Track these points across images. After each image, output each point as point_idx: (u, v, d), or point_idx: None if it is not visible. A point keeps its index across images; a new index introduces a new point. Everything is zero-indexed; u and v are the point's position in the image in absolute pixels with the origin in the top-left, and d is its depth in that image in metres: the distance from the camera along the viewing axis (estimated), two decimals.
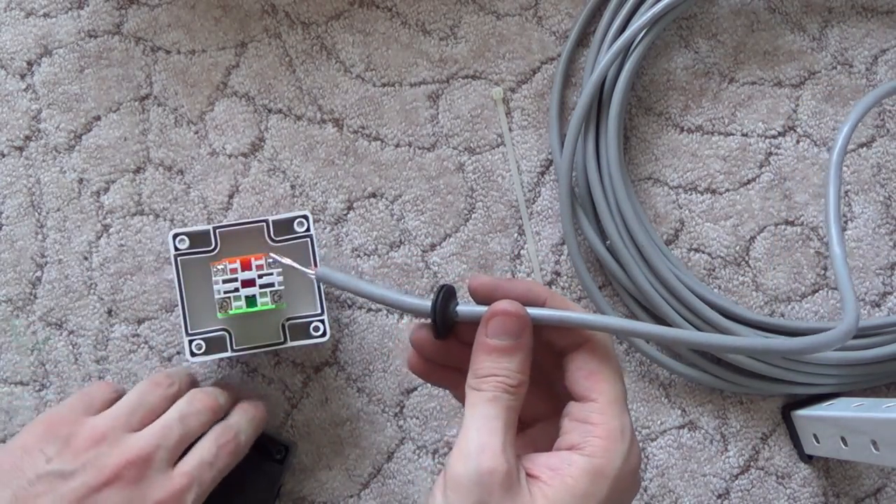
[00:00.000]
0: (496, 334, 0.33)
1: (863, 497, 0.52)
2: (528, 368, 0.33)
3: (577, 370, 0.33)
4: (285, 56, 0.54)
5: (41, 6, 0.54)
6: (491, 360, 0.32)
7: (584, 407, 0.33)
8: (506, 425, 0.31)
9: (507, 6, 0.54)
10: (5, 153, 0.53)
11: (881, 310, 0.53)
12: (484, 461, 0.30)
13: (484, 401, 0.32)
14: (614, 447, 0.31)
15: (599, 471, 0.31)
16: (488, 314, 0.33)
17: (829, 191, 0.41)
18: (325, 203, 0.53)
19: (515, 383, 0.32)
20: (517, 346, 0.32)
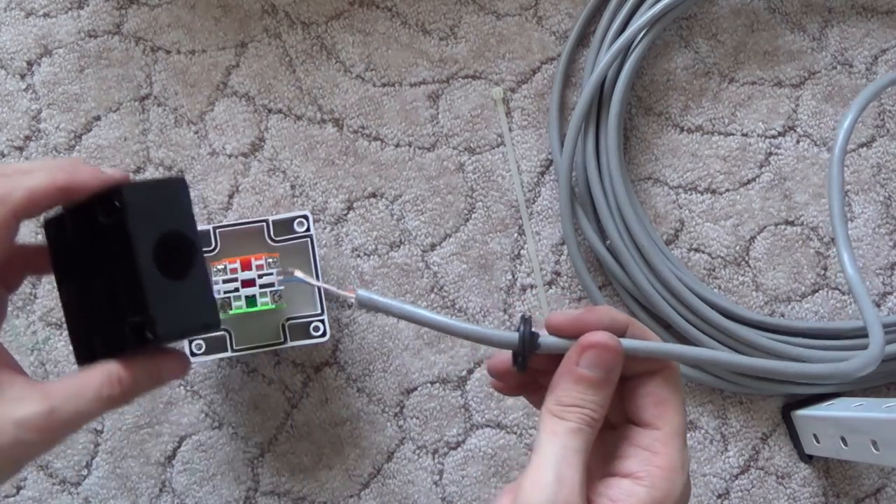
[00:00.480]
0: (590, 366, 0.32)
1: (863, 497, 0.52)
2: (609, 404, 0.32)
3: (646, 396, 0.33)
4: (285, 56, 0.54)
5: (41, 6, 0.54)
6: (578, 391, 0.32)
7: (647, 434, 0.32)
8: (584, 460, 0.31)
9: (507, 6, 0.54)
10: (5, 153, 0.53)
11: (881, 310, 0.53)
12: (562, 497, 0.29)
13: (566, 431, 0.31)
14: (675, 479, 0.31)
15: (659, 503, 0.31)
16: (585, 343, 0.32)
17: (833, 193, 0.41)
18: (325, 203, 0.53)
19: (598, 417, 0.32)
20: (607, 381, 0.32)
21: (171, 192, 0.37)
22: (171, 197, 0.37)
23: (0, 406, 0.33)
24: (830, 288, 0.53)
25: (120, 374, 0.35)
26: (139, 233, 0.35)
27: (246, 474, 0.51)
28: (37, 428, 0.33)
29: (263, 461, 0.51)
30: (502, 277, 0.52)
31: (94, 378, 0.35)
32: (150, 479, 0.51)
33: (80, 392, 0.34)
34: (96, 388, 0.35)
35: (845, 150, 0.42)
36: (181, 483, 0.51)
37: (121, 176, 0.36)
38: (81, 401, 0.34)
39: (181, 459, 0.51)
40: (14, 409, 0.33)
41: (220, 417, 0.51)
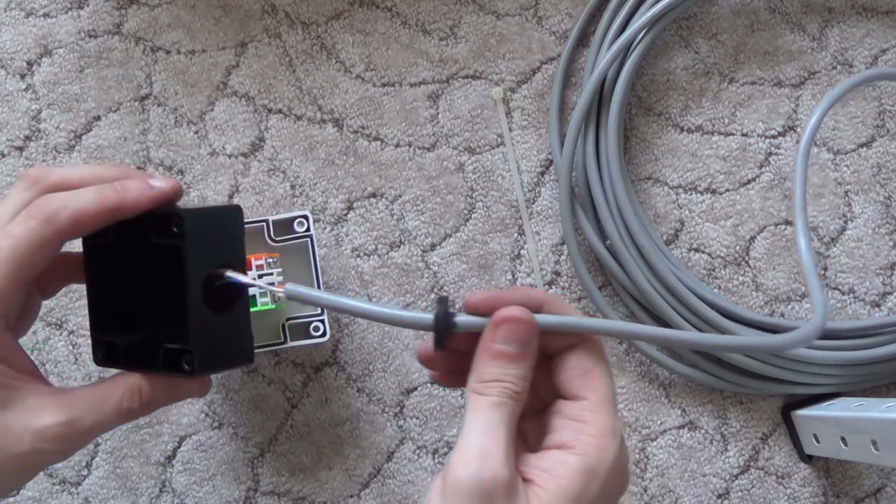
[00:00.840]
0: (505, 340, 0.32)
1: (863, 497, 0.52)
2: (530, 375, 0.33)
3: (571, 369, 0.33)
4: (285, 56, 0.54)
5: (41, 6, 0.54)
6: (497, 366, 0.32)
7: (575, 405, 0.33)
8: (509, 432, 0.31)
9: (507, 6, 0.54)
10: (5, 153, 0.53)
11: (881, 310, 0.53)
12: (487, 468, 0.30)
13: (488, 405, 0.31)
14: (606, 445, 0.31)
15: (592, 470, 0.31)
16: (497, 319, 0.32)
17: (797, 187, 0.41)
18: (325, 203, 0.53)
19: (520, 390, 0.32)
20: (524, 354, 0.32)
21: (227, 221, 0.37)
22: (227, 226, 0.37)
23: (20, 415, 0.33)
24: (830, 288, 0.53)
25: (142, 388, 0.35)
26: (194, 264, 0.35)
27: (246, 474, 0.51)
28: (56, 438, 0.34)
29: (263, 461, 0.51)
30: (502, 277, 0.52)
31: (115, 390, 0.35)
32: (150, 479, 0.51)
33: (101, 404, 0.35)
34: (117, 400, 0.35)
35: (811, 145, 0.42)
36: (181, 483, 0.51)
37: (170, 188, 0.36)
38: (101, 413, 0.35)
39: (181, 459, 0.51)
40: (34, 419, 0.33)
41: (220, 417, 0.51)
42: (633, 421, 0.52)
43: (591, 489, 0.31)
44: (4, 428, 0.33)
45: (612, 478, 0.31)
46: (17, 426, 0.33)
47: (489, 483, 0.29)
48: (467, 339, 0.34)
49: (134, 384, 0.35)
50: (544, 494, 0.30)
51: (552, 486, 0.30)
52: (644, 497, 0.51)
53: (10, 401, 0.33)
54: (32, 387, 0.34)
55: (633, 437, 0.52)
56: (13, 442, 0.33)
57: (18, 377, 0.34)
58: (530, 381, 0.33)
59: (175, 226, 0.34)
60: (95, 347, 0.38)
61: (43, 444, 0.33)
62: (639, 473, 0.51)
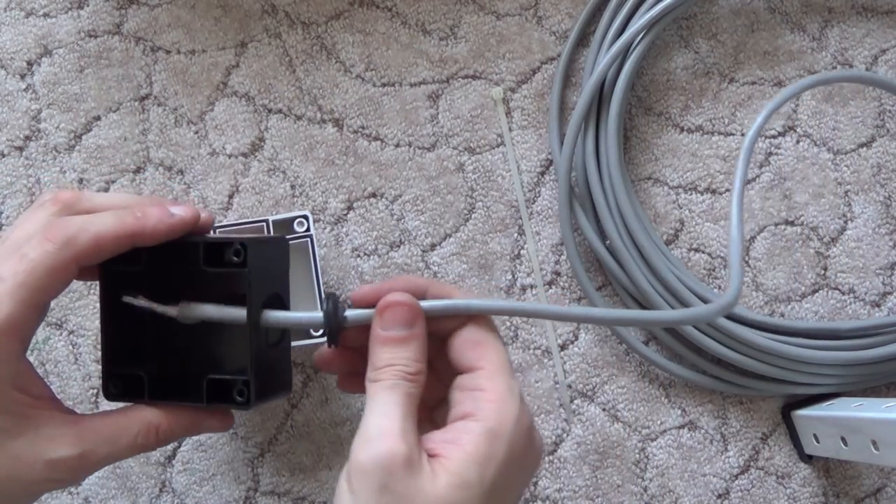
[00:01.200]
0: (390, 326, 0.33)
1: (863, 497, 0.52)
2: (424, 356, 0.34)
3: (463, 344, 0.34)
4: (285, 56, 0.54)
5: (41, 6, 0.54)
6: (387, 351, 0.33)
7: (472, 376, 0.33)
8: (405, 410, 0.32)
9: (507, 6, 0.54)
10: (5, 153, 0.53)
11: (881, 310, 0.53)
12: (384, 445, 0.30)
13: (382, 389, 0.32)
14: (505, 408, 0.32)
15: (494, 432, 0.31)
16: (381, 307, 0.34)
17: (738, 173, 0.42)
18: (325, 203, 0.53)
19: (413, 371, 0.33)
20: (412, 336, 0.33)
21: (279, 251, 0.37)
22: (278, 257, 0.37)
23: (34, 444, 0.33)
24: (830, 288, 0.53)
25: (160, 426, 0.35)
26: (256, 293, 0.34)
27: (246, 474, 0.51)
28: (67, 469, 0.33)
29: (263, 461, 0.51)
30: (502, 277, 0.52)
31: (132, 425, 0.35)
32: (150, 479, 0.51)
33: (116, 438, 0.34)
34: (133, 436, 0.35)
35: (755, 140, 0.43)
36: (181, 483, 0.51)
37: (190, 216, 0.36)
38: (115, 447, 0.34)
39: (181, 459, 0.51)
40: (47, 449, 0.33)
41: None
42: (633, 421, 0.52)
43: (497, 451, 0.31)
44: (17, 457, 0.32)
45: (516, 439, 0.32)
46: (30, 455, 0.33)
47: (386, 459, 0.30)
48: (361, 335, 0.34)
49: (152, 422, 0.35)
50: (450, 464, 0.31)
51: (458, 454, 0.31)
52: (644, 497, 0.51)
53: (24, 429, 0.33)
54: (48, 414, 0.33)
55: (633, 437, 0.52)
56: (25, 470, 0.33)
57: (35, 405, 0.33)
58: (425, 361, 0.34)
59: (235, 254, 0.34)
60: (109, 381, 0.36)
61: (54, 473, 0.33)
62: (639, 473, 0.51)
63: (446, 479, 0.30)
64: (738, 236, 0.40)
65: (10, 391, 0.32)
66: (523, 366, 0.52)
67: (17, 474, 0.33)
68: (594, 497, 0.51)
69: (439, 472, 0.31)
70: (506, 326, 0.52)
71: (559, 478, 0.51)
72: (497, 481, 0.31)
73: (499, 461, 0.31)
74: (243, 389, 0.34)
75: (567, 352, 0.52)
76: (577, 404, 0.52)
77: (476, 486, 0.31)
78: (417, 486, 0.30)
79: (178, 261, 0.35)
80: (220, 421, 0.37)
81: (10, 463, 0.32)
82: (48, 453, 0.33)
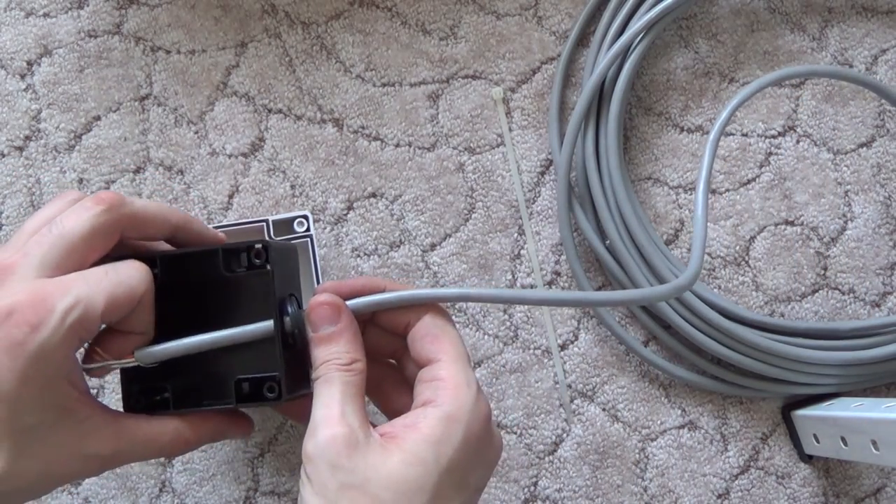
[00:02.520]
0: (317, 326, 0.35)
1: (863, 497, 0.52)
2: (357, 347, 0.35)
3: (420, 338, 0.35)
4: (285, 56, 0.54)
5: (41, 6, 0.54)
6: (321, 350, 0.34)
7: (430, 368, 0.35)
8: (343, 397, 0.33)
9: (507, 6, 0.54)
10: (5, 153, 0.53)
11: (881, 310, 0.53)
12: (325, 430, 0.32)
13: (320, 384, 0.34)
14: (463, 394, 0.33)
15: (451, 416, 0.33)
16: (307, 312, 0.35)
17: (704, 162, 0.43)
18: (325, 203, 0.53)
19: (346, 361, 0.34)
20: (339, 331, 0.35)
21: (291, 255, 0.38)
22: (290, 260, 0.38)
23: (76, 439, 0.33)
24: (830, 288, 0.53)
25: (188, 438, 0.36)
26: (279, 290, 0.35)
27: (246, 474, 0.51)
28: (99, 465, 0.34)
29: (263, 461, 0.51)
30: (502, 277, 0.52)
31: (164, 434, 0.35)
32: (150, 479, 0.51)
33: (149, 444, 0.35)
34: (163, 444, 0.35)
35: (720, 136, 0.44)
36: (181, 483, 0.51)
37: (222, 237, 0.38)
38: (146, 450, 0.35)
39: (181, 459, 0.51)
40: (85, 445, 0.33)
41: None
42: (633, 421, 0.52)
43: (453, 435, 0.32)
44: (57, 450, 0.33)
45: (473, 423, 0.33)
46: (70, 450, 0.33)
47: (328, 441, 0.31)
48: None
49: (182, 434, 0.36)
50: (405, 443, 0.32)
51: (413, 435, 0.32)
52: (644, 497, 0.51)
53: (69, 423, 0.33)
54: (89, 410, 0.34)
55: (633, 437, 0.52)
56: (63, 463, 0.33)
57: (80, 399, 0.33)
58: (360, 352, 0.35)
59: (257, 255, 0.35)
60: (132, 396, 0.36)
61: (87, 468, 0.34)
62: (639, 473, 0.51)
63: (399, 456, 0.31)
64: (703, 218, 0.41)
65: (64, 385, 0.32)
66: (523, 366, 0.52)
67: (54, 467, 0.33)
68: (594, 497, 0.51)
69: (392, 450, 0.32)
70: (506, 327, 0.52)
71: (559, 478, 0.51)
72: (454, 463, 0.32)
73: (455, 443, 0.32)
74: (273, 385, 0.35)
75: (567, 352, 0.52)
76: (577, 404, 0.52)
77: (432, 464, 0.31)
78: (367, 462, 0.31)
79: (195, 267, 0.36)
80: (242, 427, 0.39)
81: (51, 456, 0.32)
82: (86, 448, 0.33)
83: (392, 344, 0.38)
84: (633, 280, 0.50)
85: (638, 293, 0.40)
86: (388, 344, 0.38)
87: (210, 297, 0.36)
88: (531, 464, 0.51)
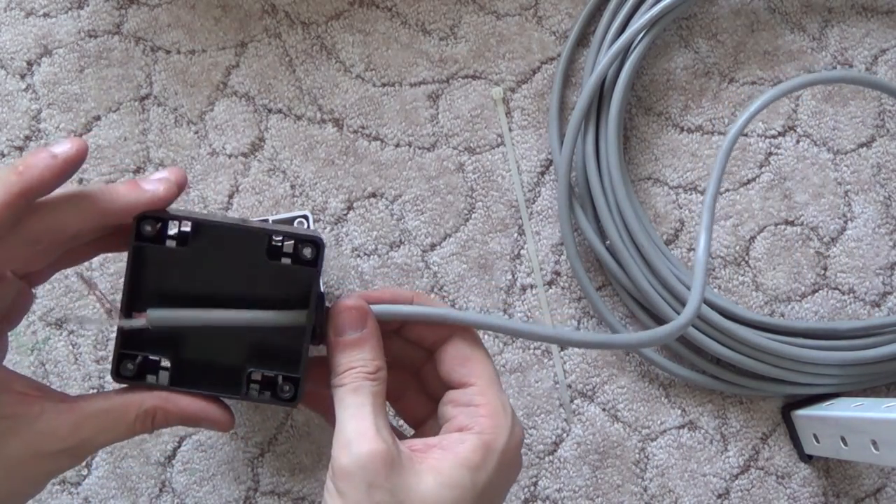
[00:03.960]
0: (342, 331, 0.34)
1: (863, 497, 0.52)
2: (381, 354, 0.34)
3: (451, 359, 0.35)
4: (285, 56, 0.54)
5: (41, 6, 0.54)
6: (345, 356, 0.34)
7: (464, 392, 0.34)
8: (374, 409, 0.33)
9: (507, 6, 0.54)
10: (5, 153, 0.53)
11: (881, 310, 0.53)
12: (363, 446, 0.31)
13: (348, 393, 0.33)
14: (501, 423, 0.33)
15: (489, 445, 0.33)
16: (331, 315, 0.34)
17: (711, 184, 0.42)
18: (325, 203, 0.53)
19: (373, 370, 0.34)
20: (364, 337, 0.34)
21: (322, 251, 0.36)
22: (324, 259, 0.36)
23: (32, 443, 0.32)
24: (830, 288, 0.53)
25: (156, 415, 0.34)
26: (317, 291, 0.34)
27: (246, 474, 0.51)
28: (68, 457, 0.33)
29: (263, 461, 0.51)
30: (502, 277, 0.52)
31: (129, 412, 0.34)
32: (150, 479, 0.51)
33: (113, 425, 0.34)
34: (130, 423, 0.34)
35: (736, 140, 0.43)
36: (181, 483, 0.51)
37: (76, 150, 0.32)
38: (112, 434, 0.34)
39: (181, 459, 0.51)
40: (44, 445, 0.32)
41: None
42: (633, 421, 0.52)
43: (489, 462, 0.32)
44: (15, 458, 0.32)
45: (508, 453, 0.33)
46: (28, 454, 0.32)
47: (367, 459, 0.31)
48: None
49: (149, 410, 0.34)
50: (440, 465, 0.32)
51: (450, 459, 0.32)
52: (644, 497, 0.51)
53: (19, 429, 0.32)
54: (39, 408, 0.32)
55: (633, 437, 0.52)
56: (26, 469, 0.32)
57: (23, 401, 0.32)
58: (383, 358, 0.34)
59: (307, 249, 0.33)
60: (120, 361, 0.34)
61: (55, 465, 0.33)
62: (639, 473, 0.51)
63: (436, 478, 0.31)
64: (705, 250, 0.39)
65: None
66: (523, 366, 0.52)
67: (18, 474, 0.32)
68: (594, 497, 0.51)
69: (426, 470, 0.31)
70: None
71: (559, 478, 0.51)
72: (487, 487, 0.32)
73: (491, 469, 0.32)
74: (290, 387, 0.34)
75: (567, 352, 0.52)
76: (577, 404, 0.52)
77: (469, 490, 0.31)
78: (403, 482, 0.31)
79: (232, 248, 0.34)
80: (222, 420, 0.36)
81: (10, 465, 0.32)
82: (46, 448, 0.32)
83: (415, 355, 0.38)
84: (633, 280, 0.50)
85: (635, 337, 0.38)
86: (411, 355, 0.38)
87: (240, 278, 0.34)
88: (531, 464, 0.51)
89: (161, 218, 0.33)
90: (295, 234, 0.34)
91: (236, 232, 0.34)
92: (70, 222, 0.32)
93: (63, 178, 0.32)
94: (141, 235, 0.33)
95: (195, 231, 0.33)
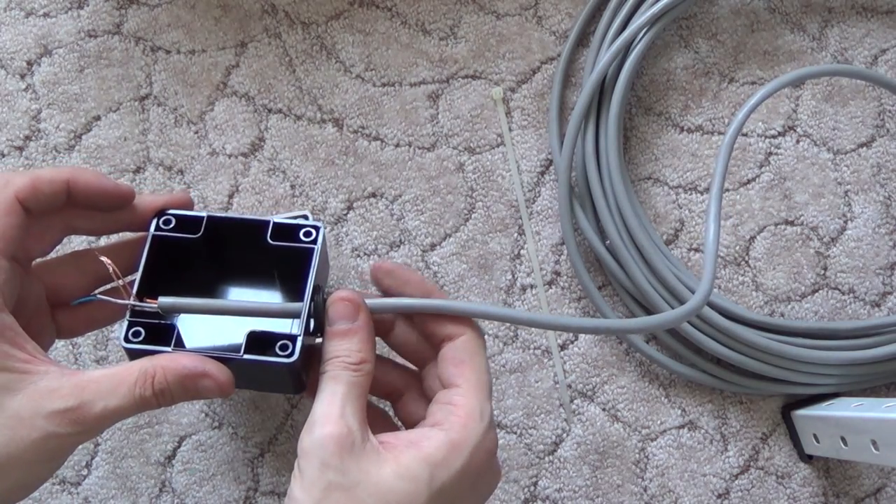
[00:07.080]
0: (334, 320, 0.35)
1: (863, 497, 0.52)
2: (369, 348, 0.35)
3: (447, 360, 0.36)
4: (285, 56, 0.54)
5: (41, 6, 0.54)
6: (333, 344, 0.35)
7: (448, 392, 0.35)
8: (346, 397, 0.33)
9: (507, 6, 0.54)
10: (5, 153, 0.53)
11: (881, 310, 0.53)
12: (324, 428, 0.32)
13: (327, 380, 0.34)
14: (472, 425, 0.33)
15: (455, 444, 0.33)
16: (327, 306, 0.35)
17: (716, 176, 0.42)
18: (325, 203, 0.53)
19: (356, 360, 0.34)
20: (354, 329, 0.35)
21: (326, 249, 0.39)
22: (324, 254, 0.39)
23: (33, 399, 0.32)
24: (830, 288, 0.53)
25: (155, 374, 0.34)
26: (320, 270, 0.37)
27: (246, 474, 0.51)
28: (69, 421, 0.33)
29: (263, 461, 0.51)
30: (502, 277, 0.52)
31: (129, 375, 0.34)
32: (150, 479, 0.51)
33: (115, 388, 0.34)
34: (131, 385, 0.34)
35: (735, 137, 0.43)
36: (181, 483, 0.51)
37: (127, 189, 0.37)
38: (114, 396, 0.34)
39: (181, 459, 0.51)
40: (45, 403, 0.33)
41: (219, 417, 0.51)
42: (633, 421, 0.52)
43: (453, 462, 0.32)
44: (17, 414, 0.32)
45: (475, 457, 0.33)
46: (29, 411, 0.32)
47: (326, 439, 0.32)
48: None
49: (148, 369, 0.34)
50: (402, 457, 0.32)
51: (413, 452, 0.32)
52: (644, 497, 0.51)
53: (23, 385, 0.32)
54: (44, 368, 0.33)
55: (633, 437, 0.52)
56: (27, 429, 0.32)
57: (30, 360, 0.33)
58: (370, 351, 0.35)
59: (306, 234, 0.37)
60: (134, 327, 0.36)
61: (56, 426, 0.33)
62: (639, 473, 0.51)
63: (393, 467, 0.32)
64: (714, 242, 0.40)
65: (3, 345, 0.32)
66: (523, 366, 0.52)
67: (19, 435, 0.32)
68: (594, 497, 0.51)
69: (387, 459, 0.32)
70: (506, 326, 0.52)
71: (559, 478, 0.51)
72: (446, 488, 0.32)
73: (453, 470, 0.32)
74: (287, 343, 0.35)
75: (567, 352, 0.52)
76: (577, 404, 0.52)
77: (424, 484, 0.32)
78: (359, 466, 0.31)
79: (239, 236, 0.37)
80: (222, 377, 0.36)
81: (12, 422, 0.32)
82: (47, 406, 0.32)
83: (422, 350, 0.38)
84: (633, 280, 0.50)
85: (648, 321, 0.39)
86: (418, 349, 0.38)
87: (246, 264, 0.38)
88: (531, 464, 0.51)
89: (177, 215, 0.37)
90: (297, 223, 0.37)
91: (243, 223, 0.37)
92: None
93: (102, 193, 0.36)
94: (158, 227, 0.37)
95: (207, 225, 0.37)
